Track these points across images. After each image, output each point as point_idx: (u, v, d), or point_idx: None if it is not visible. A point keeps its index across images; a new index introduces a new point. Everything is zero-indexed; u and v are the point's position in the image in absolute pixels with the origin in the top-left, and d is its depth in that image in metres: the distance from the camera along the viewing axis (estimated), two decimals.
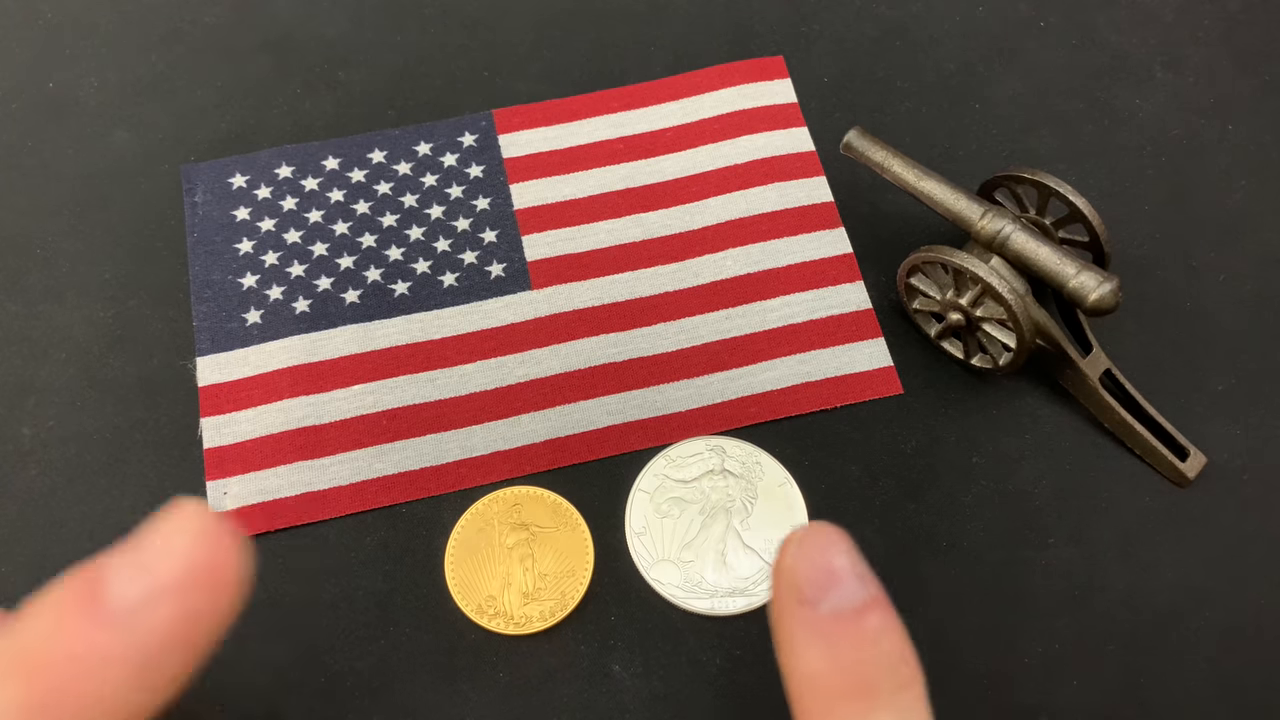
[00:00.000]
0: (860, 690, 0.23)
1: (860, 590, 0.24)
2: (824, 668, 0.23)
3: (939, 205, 0.39)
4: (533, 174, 0.44)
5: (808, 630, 0.23)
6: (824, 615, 0.23)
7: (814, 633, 0.23)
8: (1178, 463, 0.38)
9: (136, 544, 0.21)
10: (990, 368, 0.39)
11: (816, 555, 0.24)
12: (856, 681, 0.23)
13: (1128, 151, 0.45)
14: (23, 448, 0.39)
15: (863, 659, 0.23)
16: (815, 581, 0.24)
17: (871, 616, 0.23)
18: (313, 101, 0.46)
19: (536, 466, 0.38)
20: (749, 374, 0.40)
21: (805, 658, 0.23)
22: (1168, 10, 0.48)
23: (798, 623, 0.24)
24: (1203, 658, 0.36)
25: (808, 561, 0.24)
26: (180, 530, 0.21)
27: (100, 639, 0.20)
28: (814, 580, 0.24)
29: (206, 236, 0.42)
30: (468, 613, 0.36)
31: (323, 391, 0.39)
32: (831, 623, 0.23)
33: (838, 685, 0.23)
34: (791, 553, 0.24)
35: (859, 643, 0.23)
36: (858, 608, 0.23)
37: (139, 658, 0.20)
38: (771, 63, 0.47)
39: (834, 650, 0.23)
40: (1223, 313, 0.42)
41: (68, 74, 0.46)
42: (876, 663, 0.23)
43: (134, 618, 0.20)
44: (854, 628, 0.23)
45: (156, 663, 0.21)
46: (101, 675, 0.20)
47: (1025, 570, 0.37)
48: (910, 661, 0.24)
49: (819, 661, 0.23)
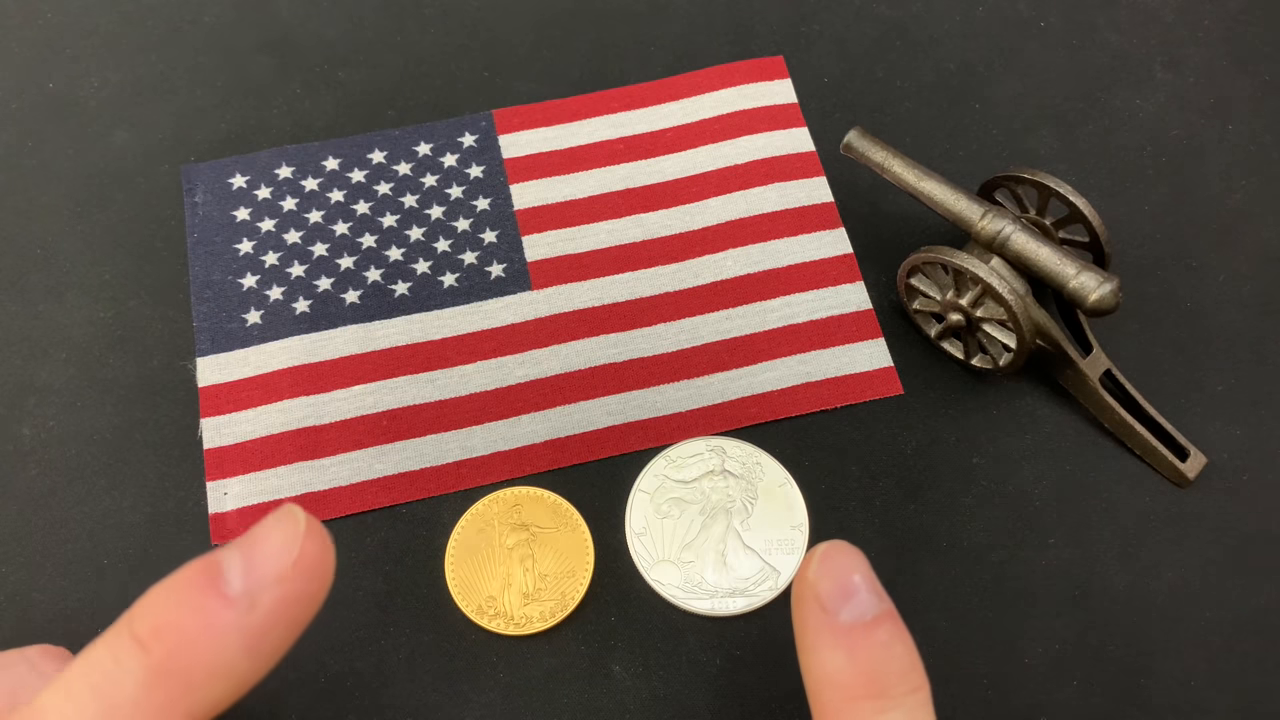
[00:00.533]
0: (874, 691, 0.25)
1: (875, 603, 0.26)
2: (842, 670, 0.26)
3: (939, 205, 0.39)
4: (533, 174, 0.44)
5: (828, 636, 0.26)
6: (842, 623, 0.26)
7: (834, 639, 0.26)
8: (1178, 463, 0.38)
9: (247, 540, 0.25)
10: (990, 368, 0.39)
11: (836, 570, 0.27)
12: (871, 683, 0.25)
13: (1128, 151, 0.45)
14: (23, 448, 0.39)
15: (876, 663, 0.26)
16: (835, 593, 0.26)
17: (884, 626, 0.26)
18: (313, 101, 0.46)
19: (537, 467, 0.38)
20: (749, 374, 0.40)
21: (825, 660, 0.26)
22: (1168, 10, 0.48)
23: (819, 629, 0.26)
24: (1203, 658, 0.36)
25: (829, 575, 0.27)
26: (288, 529, 0.25)
27: (220, 615, 0.24)
28: (833, 592, 0.26)
29: (206, 237, 0.42)
30: (468, 613, 0.36)
31: (323, 392, 0.39)
32: (849, 630, 0.26)
33: (854, 686, 0.26)
34: (814, 567, 0.27)
35: (873, 649, 0.26)
36: (872, 618, 0.26)
37: (252, 633, 0.24)
38: (771, 63, 0.47)
39: (852, 655, 0.26)
40: (1223, 313, 0.42)
41: (68, 74, 0.46)
42: (889, 667, 0.26)
43: (249, 599, 0.24)
44: (869, 636, 0.26)
45: (265, 638, 0.24)
46: (220, 646, 0.24)
47: (1025, 570, 0.37)
48: (919, 669, 0.26)
49: (838, 664, 0.26)
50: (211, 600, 0.24)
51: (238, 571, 0.24)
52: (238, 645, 0.24)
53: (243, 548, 0.25)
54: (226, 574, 0.24)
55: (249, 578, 0.24)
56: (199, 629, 0.24)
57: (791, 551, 0.37)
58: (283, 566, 0.25)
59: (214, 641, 0.24)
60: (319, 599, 0.25)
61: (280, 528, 0.25)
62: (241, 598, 0.24)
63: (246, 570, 0.24)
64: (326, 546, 0.26)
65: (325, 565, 0.25)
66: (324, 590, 0.26)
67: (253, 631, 0.24)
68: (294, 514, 0.25)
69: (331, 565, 0.26)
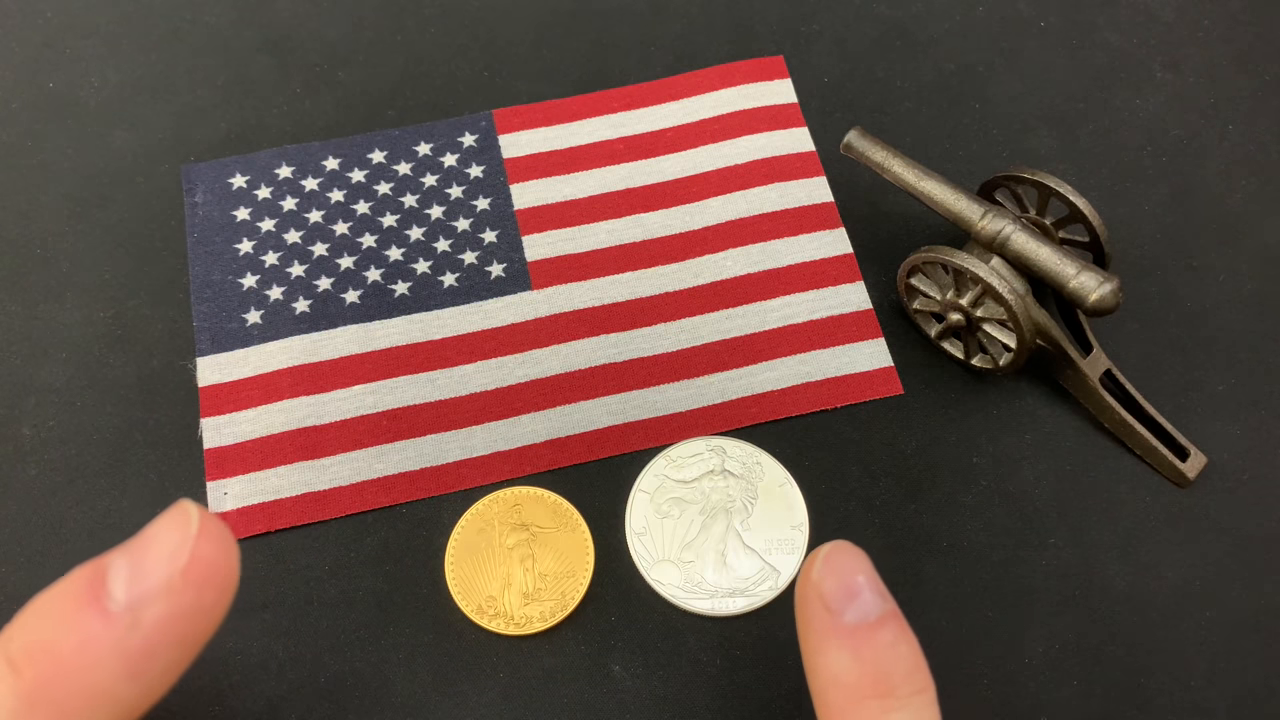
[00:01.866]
0: (880, 691, 0.25)
1: (879, 604, 0.26)
2: (848, 670, 0.25)
3: (939, 205, 0.39)
4: (533, 174, 0.44)
5: (834, 636, 0.26)
6: (847, 624, 0.26)
7: (838, 639, 0.26)
8: (1178, 463, 0.38)
9: (136, 543, 0.22)
10: (990, 368, 0.39)
11: (841, 571, 0.27)
12: (877, 684, 0.25)
13: (1128, 151, 0.45)
14: (23, 448, 0.39)
15: (882, 664, 0.25)
16: (839, 594, 0.26)
17: (889, 627, 0.26)
18: (313, 101, 0.46)
19: (537, 467, 0.38)
20: (749, 374, 0.40)
21: (831, 661, 0.26)
22: (1168, 10, 0.48)
23: (824, 629, 0.26)
24: (1203, 658, 0.36)
25: (833, 576, 0.26)
26: (176, 531, 0.22)
27: (97, 633, 0.21)
28: (838, 593, 0.26)
29: (206, 236, 0.42)
30: (468, 613, 0.36)
31: (323, 392, 0.39)
32: (854, 631, 0.26)
33: (860, 686, 0.25)
34: (818, 568, 0.27)
35: (878, 649, 0.26)
36: (877, 619, 0.26)
37: (134, 655, 0.21)
38: (772, 63, 0.47)
39: (857, 655, 0.26)
40: (1223, 313, 0.42)
41: (68, 74, 0.46)
42: (894, 668, 0.25)
43: (130, 614, 0.21)
44: (873, 636, 0.26)
45: (150, 658, 0.21)
46: (96, 669, 0.21)
47: (1025, 570, 0.37)
48: (924, 669, 0.26)
49: (843, 665, 0.26)
50: (90, 617, 0.21)
51: (122, 582, 0.21)
52: (118, 669, 0.21)
53: (131, 552, 0.22)
54: (110, 584, 0.21)
55: (132, 589, 0.21)
56: (73, 650, 0.21)
57: (791, 551, 0.37)
58: (170, 575, 0.21)
59: (91, 664, 0.21)
60: (219, 610, 0.22)
61: (169, 529, 0.22)
62: (123, 614, 0.21)
63: (131, 580, 0.21)
64: (225, 548, 0.22)
65: (223, 571, 0.22)
66: (224, 600, 0.22)
67: (135, 653, 0.21)
68: (186, 511, 0.22)
69: (234, 569, 0.22)
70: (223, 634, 0.36)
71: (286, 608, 0.36)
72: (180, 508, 0.22)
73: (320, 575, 0.37)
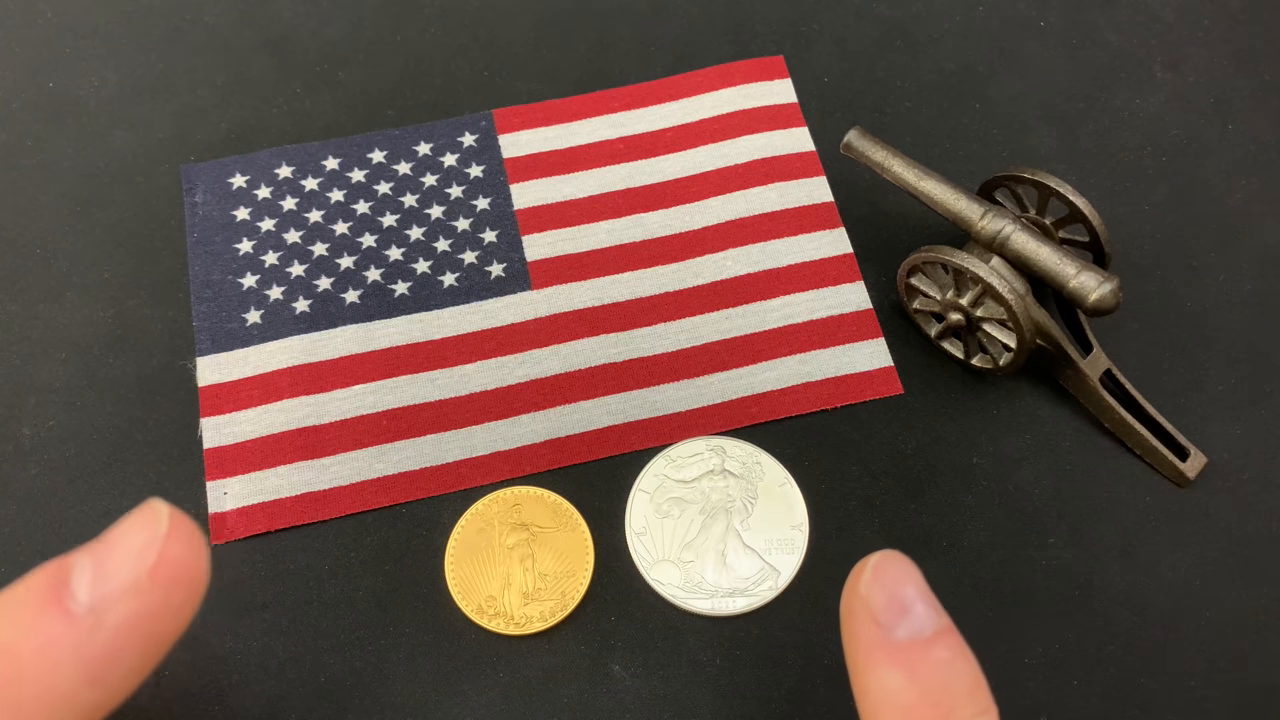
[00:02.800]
0: (940, 713, 0.23)
1: (934, 618, 0.25)
2: (903, 690, 0.24)
3: (939, 205, 0.39)
4: (533, 174, 0.44)
5: (884, 654, 0.24)
6: (899, 640, 0.24)
7: (890, 657, 0.24)
8: (1178, 463, 0.38)
9: (101, 542, 0.21)
10: (990, 368, 0.39)
11: (890, 583, 0.25)
12: (936, 705, 0.24)
13: (1128, 151, 0.45)
14: (23, 448, 0.39)
15: (939, 683, 0.24)
16: (889, 608, 0.25)
17: (944, 642, 0.24)
18: (313, 101, 0.46)
19: (536, 466, 0.38)
20: (749, 374, 0.40)
21: (883, 680, 0.24)
22: (1168, 10, 0.48)
23: (874, 646, 0.24)
24: (1203, 658, 0.36)
25: (882, 589, 0.25)
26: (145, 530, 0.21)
27: (57, 635, 0.20)
28: (888, 607, 0.25)
29: (206, 236, 0.42)
30: (468, 613, 0.36)
31: (323, 391, 0.39)
32: (907, 648, 0.24)
33: (918, 707, 0.24)
34: (865, 580, 0.25)
35: (935, 667, 0.24)
36: (931, 634, 0.24)
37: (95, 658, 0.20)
38: (771, 63, 0.47)
39: (912, 674, 0.24)
40: (1223, 313, 0.42)
41: (68, 74, 0.46)
42: (953, 687, 0.24)
43: (93, 616, 0.21)
44: (928, 653, 0.24)
45: (113, 662, 0.21)
46: (55, 672, 0.20)
47: (1025, 570, 0.37)
48: (984, 688, 0.24)
49: (897, 684, 0.24)
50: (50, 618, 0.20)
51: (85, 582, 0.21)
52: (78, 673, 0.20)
53: (96, 552, 0.21)
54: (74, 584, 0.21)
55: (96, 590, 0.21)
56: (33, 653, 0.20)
57: (791, 551, 0.37)
58: (136, 575, 0.21)
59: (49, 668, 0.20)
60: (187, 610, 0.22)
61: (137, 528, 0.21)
62: (85, 615, 0.20)
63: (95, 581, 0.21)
64: (194, 548, 0.22)
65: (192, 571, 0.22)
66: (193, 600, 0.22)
67: (96, 656, 0.20)
68: (155, 510, 0.22)
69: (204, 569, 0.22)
70: (223, 634, 0.36)
71: (286, 608, 0.36)
72: (149, 506, 0.22)
73: (320, 575, 0.37)
